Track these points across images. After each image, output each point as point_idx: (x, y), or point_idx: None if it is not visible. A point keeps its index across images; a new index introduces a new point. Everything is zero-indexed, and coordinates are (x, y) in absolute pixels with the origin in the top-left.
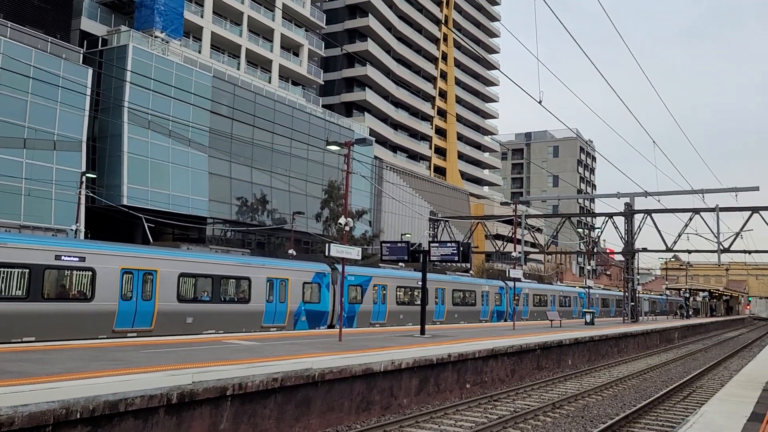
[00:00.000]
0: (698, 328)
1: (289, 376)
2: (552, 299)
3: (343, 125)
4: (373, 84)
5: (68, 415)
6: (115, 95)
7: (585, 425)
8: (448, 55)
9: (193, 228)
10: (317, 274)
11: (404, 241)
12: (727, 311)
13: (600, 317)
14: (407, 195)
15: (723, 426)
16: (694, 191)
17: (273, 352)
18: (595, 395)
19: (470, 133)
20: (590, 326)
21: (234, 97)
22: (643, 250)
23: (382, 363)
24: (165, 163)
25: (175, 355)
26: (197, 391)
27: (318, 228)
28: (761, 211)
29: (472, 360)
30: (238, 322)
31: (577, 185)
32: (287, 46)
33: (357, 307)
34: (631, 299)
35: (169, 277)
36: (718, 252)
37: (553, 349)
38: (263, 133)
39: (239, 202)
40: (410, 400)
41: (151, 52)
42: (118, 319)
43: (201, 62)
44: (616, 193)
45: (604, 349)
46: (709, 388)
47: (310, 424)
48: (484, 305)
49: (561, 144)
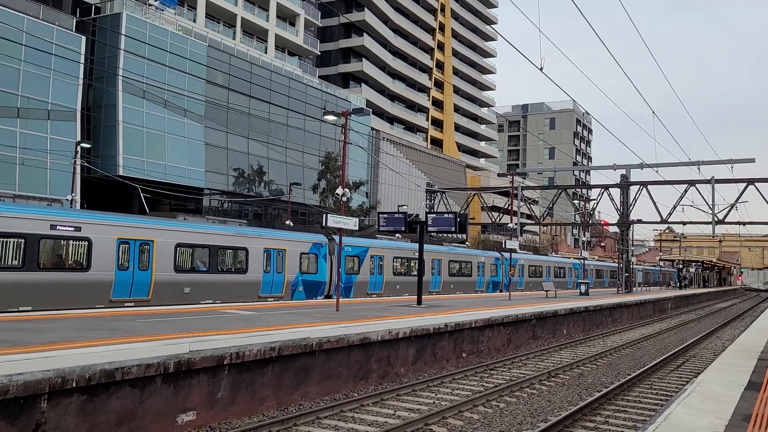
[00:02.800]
0: (691, 298)
1: (287, 346)
2: (547, 270)
3: (339, 96)
4: (370, 55)
5: (64, 384)
6: (110, 64)
7: (580, 393)
8: (445, 25)
9: (189, 199)
10: (314, 245)
11: (402, 212)
12: (719, 282)
13: (594, 288)
14: (404, 166)
15: (721, 394)
16: (690, 163)
17: (270, 322)
18: (590, 364)
19: (467, 105)
20: (585, 297)
21: (230, 67)
22: (638, 222)
23: (379, 332)
24: (161, 133)
25: (173, 325)
26: (194, 360)
27: (315, 199)
28: (756, 182)
29: (468, 330)
30: (235, 292)
31: (573, 157)
32: (283, 16)
33: (354, 277)
34: (625, 270)
35: (165, 247)
36: (713, 223)
37: (549, 319)
38: (259, 104)
39: (236, 173)
40: (407, 369)
41: (145, 20)
42: (115, 288)
43: (196, 31)
44: (612, 165)
45: (598, 319)
46: (702, 357)
47: (309, 392)
48: (480, 276)
49: (557, 116)
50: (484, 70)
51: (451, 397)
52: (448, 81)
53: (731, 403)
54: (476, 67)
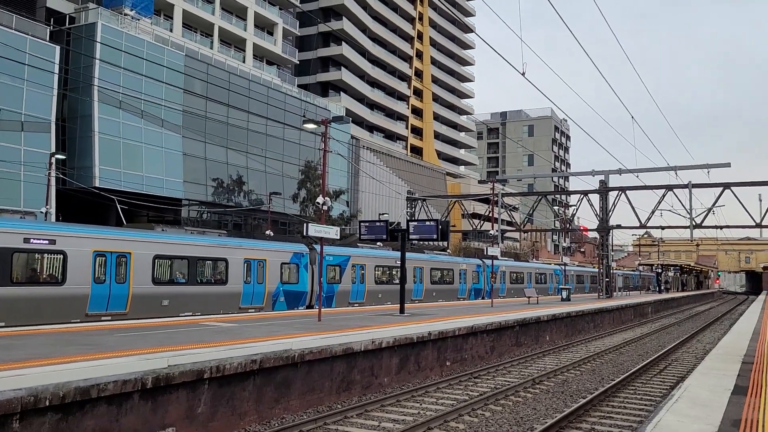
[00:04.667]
0: (671, 302)
1: (268, 358)
2: (528, 276)
3: (319, 105)
4: (349, 63)
5: (37, 403)
6: (85, 74)
7: (565, 400)
8: (423, 34)
9: (168, 210)
10: (295, 255)
11: (383, 221)
12: (697, 286)
13: (575, 293)
14: (384, 174)
15: (708, 400)
16: (667, 168)
17: (251, 334)
18: (574, 370)
19: (446, 113)
20: (566, 302)
21: (207, 76)
22: (618, 227)
23: (362, 342)
24: (138, 143)
25: (151, 339)
26: (173, 375)
27: (295, 208)
28: (732, 186)
29: (452, 338)
30: (215, 303)
31: (552, 164)
32: (261, 25)
33: (336, 287)
34: (605, 275)
35: (143, 259)
36: (691, 228)
37: (532, 326)
38: (238, 114)
39: (215, 183)
40: (391, 378)
41: (120, 30)
42: (91, 302)
43: (173, 41)
44: (591, 171)
45: (580, 324)
46: (684, 361)
47: (290, 406)
48: (462, 283)
49: (536, 123)
50: (462, 78)
51: (436, 407)
52: (427, 89)
53: (719, 408)
54: (455, 75)
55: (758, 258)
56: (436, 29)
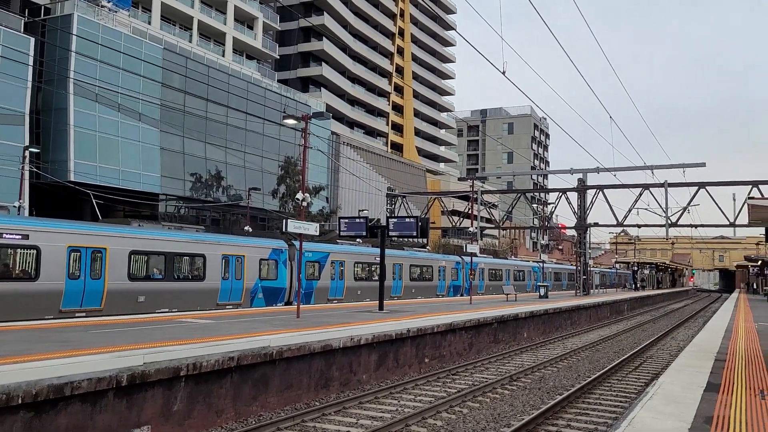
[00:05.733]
0: (646, 299)
1: (246, 355)
2: (507, 273)
3: (299, 100)
4: (330, 59)
5: (9, 401)
6: (60, 66)
7: (542, 396)
8: (404, 30)
9: (144, 205)
10: (274, 251)
11: (363, 217)
12: (672, 283)
13: (553, 291)
14: (364, 171)
15: (682, 397)
16: (644, 167)
17: (229, 331)
18: (551, 367)
19: (427, 110)
20: (544, 299)
21: (186, 70)
22: (595, 225)
23: (341, 339)
24: (114, 137)
25: (126, 336)
26: (149, 373)
27: (275, 204)
28: (707, 186)
29: (430, 335)
30: (192, 300)
31: (531, 161)
32: (241, 19)
33: (315, 283)
34: (583, 273)
35: (119, 254)
36: (666, 226)
37: (510, 323)
38: (217, 108)
39: (193, 178)
40: (369, 375)
41: (97, 22)
42: (65, 298)
43: (151, 34)
44: (569, 169)
45: (557, 321)
46: (659, 359)
47: (268, 403)
48: (441, 280)
49: (516, 121)
50: (443, 75)
51: (414, 404)
52: (407, 85)
53: (693, 405)
54: (436, 72)
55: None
56: (418, 26)
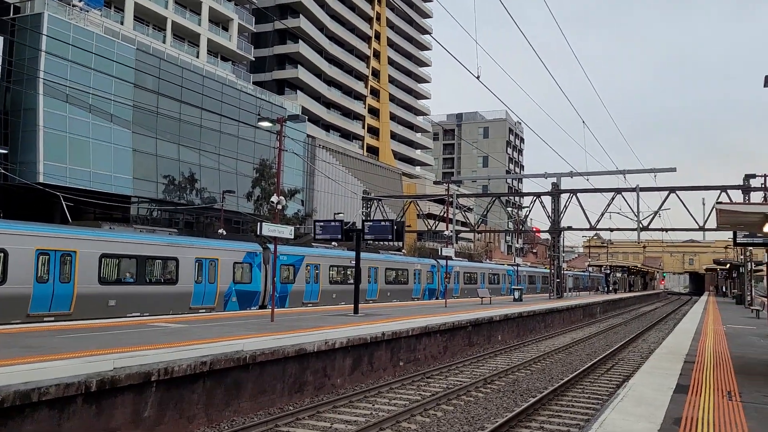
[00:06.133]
0: (618, 302)
1: (219, 359)
2: (482, 277)
3: (274, 103)
4: (306, 62)
5: None
6: (30, 66)
7: (516, 399)
8: (381, 34)
9: (116, 207)
10: (248, 254)
11: (338, 220)
12: (644, 286)
13: (527, 294)
14: (340, 174)
15: (652, 398)
16: (616, 172)
17: (202, 335)
18: (525, 369)
19: (403, 113)
20: (519, 303)
21: (160, 71)
22: (569, 229)
23: (315, 343)
24: (85, 139)
25: (96, 340)
26: (119, 378)
27: (249, 207)
28: (678, 190)
29: (405, 338)
30: (164, 304)
31: (506, 166)
32: (216, 20)
33: (289, 287)
34: (556, 276)
35: (89, 258)
36: (638, 230)
37: (484, 326)
38: (191, 110)
39: (166, 180)
40: (344, 380)
41: (68, 21)
42: (33, 302)
43: (123, 34)
44: (543, 174)
45: (531, 324)
46: (630, 361)
47: (241, 408)
48: (417, 283)
49: (491, 125)
50: (419, 79)
51: (389, 408)
52: (384, 89)
53: (662, 407)
54: (412, 76)
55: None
56: (394, 30)
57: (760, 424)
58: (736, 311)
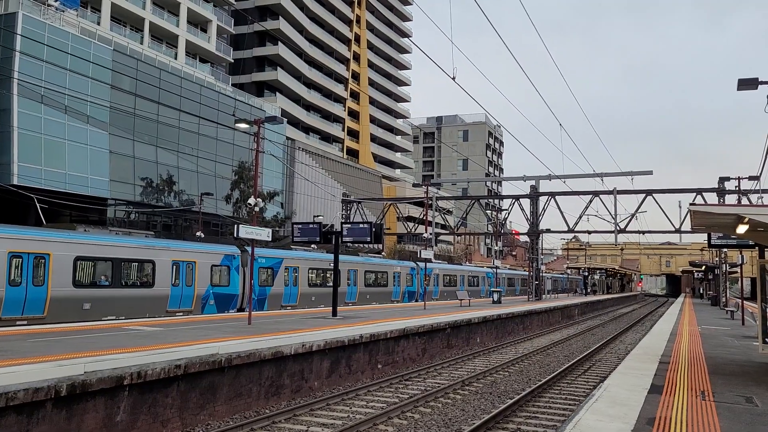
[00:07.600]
0: (596, 304)
1: (194, 363)
2: (461, 279)
3: (254, 105)
4: (285, 64)
5: None
6: (3, 66)
7: (493, 401)
8: (361, 37)
9: (92, 210)
10: (226, 257)
11: (316, 223)
12: (621, 288)
13: (506, 296)
14: (320, 176)
15: (626, 399)
16: (594, 174)
17: (177, 338)
18: (503, 371)
19: (383, 116)
20: (497, 305)
21: (137, 72)
22: (547, 231)
23: (292, 346)
24: (60, 140)
25: (69, 344)
26: (90, 382)
27: (228, 210)
28: (654, 193)
29: (383, 340)
30: (141, 307)
31: (486, 168)
32: (194, 21)
33: (268, 289)
34: (535, 278)
35: (63, 260)
36: (615, 232)
37: (463, 328)
38: (169, 111)
39: (143, 182)
40: (321, 382)
41: (43, 21)
42: (5, 306)
43: (100, 34)
44: (522, 176)
45: (510, 326)
46: (607, 362)
47: (216, 412)
48: (396, 286)
49: (471, 128)
50: (399, 82)
51: (366, 410)
52: (363, 92)
53: (636, 407)
54: (391, 79)
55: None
56: (374, 32)
57: (732, 423)
58: (711, 312)
